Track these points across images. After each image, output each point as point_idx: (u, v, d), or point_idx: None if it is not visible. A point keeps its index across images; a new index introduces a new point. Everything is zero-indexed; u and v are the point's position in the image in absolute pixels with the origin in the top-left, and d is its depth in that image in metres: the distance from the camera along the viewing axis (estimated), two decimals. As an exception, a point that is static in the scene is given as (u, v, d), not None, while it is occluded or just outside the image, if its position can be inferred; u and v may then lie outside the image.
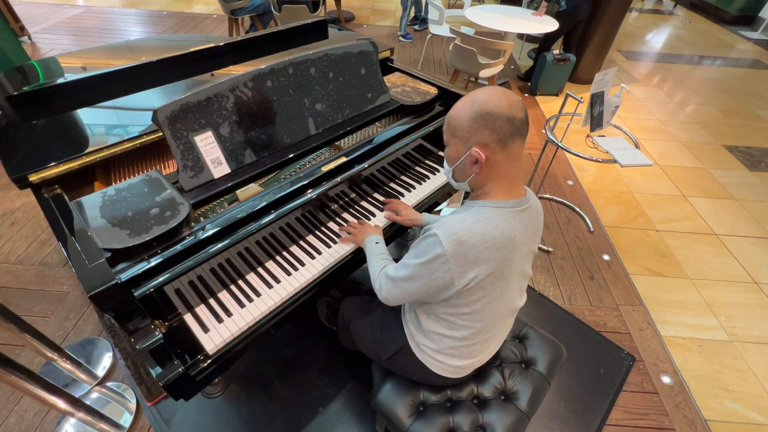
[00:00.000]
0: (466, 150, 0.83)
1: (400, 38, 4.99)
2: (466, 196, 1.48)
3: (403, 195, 1.43)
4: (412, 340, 1.07)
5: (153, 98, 1.38)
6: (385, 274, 0.98)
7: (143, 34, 4.82)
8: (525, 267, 0.96)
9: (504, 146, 0.80)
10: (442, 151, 1.33)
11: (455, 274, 0.82)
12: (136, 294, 0.88)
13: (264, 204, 1.08)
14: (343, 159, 1.25)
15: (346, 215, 1.34)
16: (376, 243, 1.13)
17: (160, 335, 0.92)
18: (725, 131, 3.62)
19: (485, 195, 0.87)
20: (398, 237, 1.42)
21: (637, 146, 2.02)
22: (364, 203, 1.39)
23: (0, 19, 3.42)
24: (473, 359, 1.03)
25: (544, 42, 3.82)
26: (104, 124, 1.27)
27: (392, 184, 1.47)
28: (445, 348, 1.00)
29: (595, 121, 1.99)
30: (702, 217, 2.64)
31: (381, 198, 1.40)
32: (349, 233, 1.24)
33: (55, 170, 1.05)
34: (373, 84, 1.44)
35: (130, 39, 3.16)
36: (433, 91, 1.59)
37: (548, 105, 3.82)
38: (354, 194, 1.34)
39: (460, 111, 0.83)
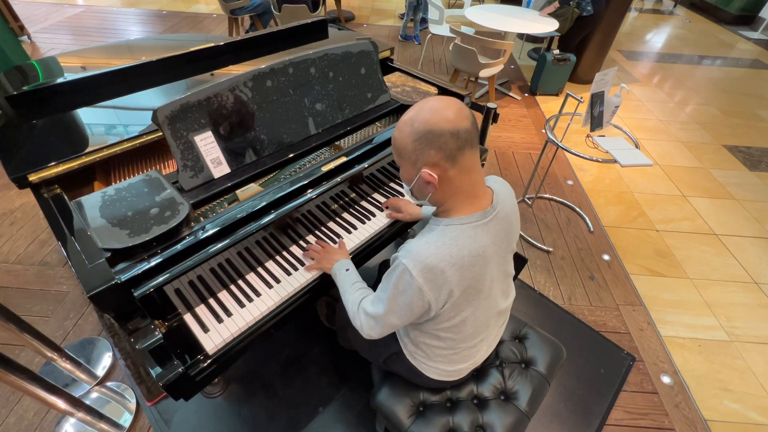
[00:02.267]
0: (416, 172, 0.80)
1: (401, 39, 4.99)
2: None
3: (403, 195, 1.43)
4: (405, 348, 1.07)
5: (153, 98, 1.38)
6: (363, 311, 0.94)
7: (143, 34, 4.81)
8: (505, 268, 0.95)
9: (454, 162, 0.77)
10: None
11: (431, 299, 0.81)
12: (135, 294, 0.88)
13: (264, 204, 1.08)
14: (343, 159, 1.25)
15: (346, 215, 1.34)
16: (347, 270, 1.06)
17: (160, 335, 0.92)
18: (725, 131, 3.62)
19: (448, 212, 0.84)
20: (398, 237, 1.41)
21: (637, 146, 2.01)
22: (364, 203, 1.39)
23: (0, 19, 3.41)
24: (466, 363, 1.03)
25: (563, 42, 3.90)
26: (104, 123, 1.26)
27: (392, 184, 1.47)
28: (435, 356, 1.00)
29: (595, 121, 1.99)
30: (702, 217, 2.64)
31: (381, 198, 1.40)
32: (313, 258, 1.16)
33: (54, 170, 1.05)
34: (373, 84, 1.44)
35: (130, 38, 3.16)
36: (433, 90, 1.59)
37: (548, 105, 3.82)
38: (354, 194, 1.34)
39: (402, 132, 0.79)
